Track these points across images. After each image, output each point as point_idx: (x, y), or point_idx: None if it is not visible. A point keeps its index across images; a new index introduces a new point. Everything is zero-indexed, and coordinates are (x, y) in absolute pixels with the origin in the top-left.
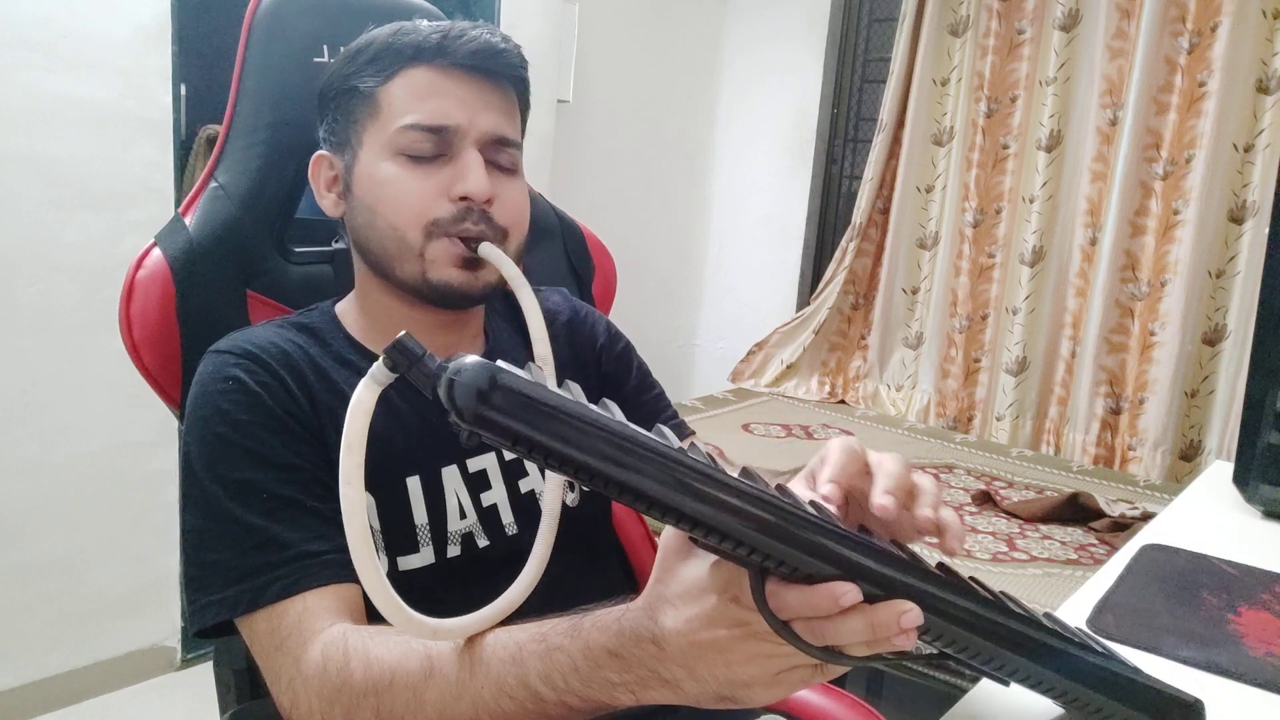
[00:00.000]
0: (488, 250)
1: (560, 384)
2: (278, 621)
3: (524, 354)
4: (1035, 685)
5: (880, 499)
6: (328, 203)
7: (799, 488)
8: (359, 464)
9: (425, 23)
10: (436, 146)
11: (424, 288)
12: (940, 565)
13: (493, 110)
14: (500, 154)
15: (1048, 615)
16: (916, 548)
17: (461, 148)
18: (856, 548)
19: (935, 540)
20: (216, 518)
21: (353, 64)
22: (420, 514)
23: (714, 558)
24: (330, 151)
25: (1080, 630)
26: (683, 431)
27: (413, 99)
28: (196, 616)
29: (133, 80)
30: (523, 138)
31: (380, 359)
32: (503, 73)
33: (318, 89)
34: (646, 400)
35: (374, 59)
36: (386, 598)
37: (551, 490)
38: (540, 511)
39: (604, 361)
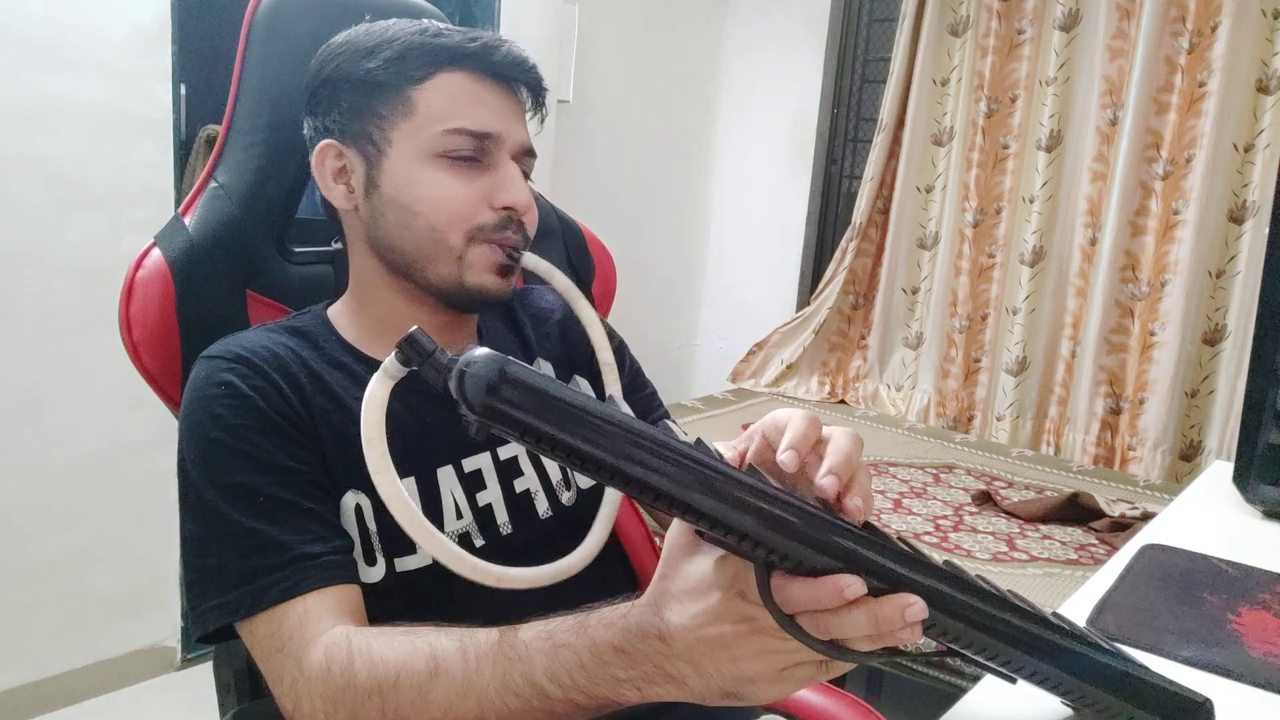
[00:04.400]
0: (535, 262)
1: (569, 380)
2: (278, 624)
3: (520, 354)
4: (1042, 683)
5: (823, 479)
6: (338, 194)
7: (723, 447)
8: (384, 454)
9: (440, 25)
10: (476, 153)
11: (456, 290)
12: (947, 563)
13: (519, 121)
14: (525, 163)
15: (1055, 615)
16: (921, 546)
17: (499, 157)
18: (863, 543)
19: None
20: (214, 523)
21: (373, 58)
22: None
23: (719, 554)
24: (340, 142)
25: (1088, 629)
26: None
27: (454, 104)
28: (199, 622)
29: (133, 80)
30: None
31: (393, 354)
32: (531, 85)
33: (316, 78)
34: (638, 400)
35: (402, 56)
36: (457, 559)
37: None
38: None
39: (596, 361)
